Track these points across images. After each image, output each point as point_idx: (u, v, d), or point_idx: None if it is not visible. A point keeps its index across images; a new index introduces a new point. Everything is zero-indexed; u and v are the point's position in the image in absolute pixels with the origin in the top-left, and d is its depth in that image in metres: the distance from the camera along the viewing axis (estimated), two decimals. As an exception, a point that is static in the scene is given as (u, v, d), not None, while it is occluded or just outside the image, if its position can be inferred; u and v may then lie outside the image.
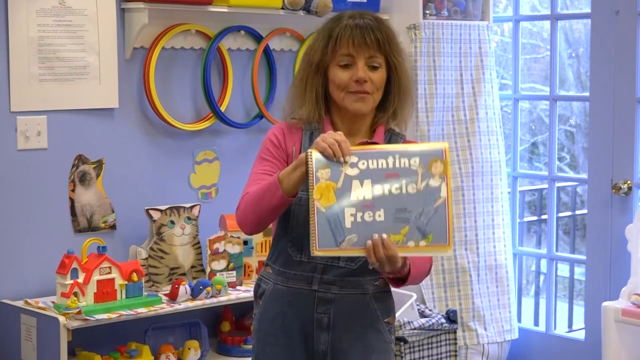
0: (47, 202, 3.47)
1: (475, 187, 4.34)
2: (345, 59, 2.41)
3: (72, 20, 3.46)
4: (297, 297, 2.43)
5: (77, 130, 3.54)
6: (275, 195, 2.31)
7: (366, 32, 2.40)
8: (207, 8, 3.70)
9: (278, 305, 2.46)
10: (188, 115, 3.84)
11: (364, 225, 2.22)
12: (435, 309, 4.20)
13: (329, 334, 2.44)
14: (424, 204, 2.23)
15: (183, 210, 3.66)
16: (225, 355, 3.71)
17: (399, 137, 2.51)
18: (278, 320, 2.46)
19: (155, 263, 3.59)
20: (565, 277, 6.53)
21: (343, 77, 2.41)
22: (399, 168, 2.24)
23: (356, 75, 2.40)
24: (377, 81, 2.42)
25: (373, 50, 2.41)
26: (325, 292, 2.42)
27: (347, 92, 2.42)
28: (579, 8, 7.12)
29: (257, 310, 2.52)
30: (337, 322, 2.43)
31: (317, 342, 2.44)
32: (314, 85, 2.45)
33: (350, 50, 2.41)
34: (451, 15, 4.35)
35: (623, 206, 4.11)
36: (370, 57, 2.41)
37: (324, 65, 2.44)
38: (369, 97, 2.42)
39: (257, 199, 2.35)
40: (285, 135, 2.48)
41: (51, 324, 3.13)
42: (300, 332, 2.45)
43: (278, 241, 2.48)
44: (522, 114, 5.04)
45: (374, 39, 2.40)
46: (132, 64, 3.66)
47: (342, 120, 2.48)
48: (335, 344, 2.44)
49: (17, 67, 3.34)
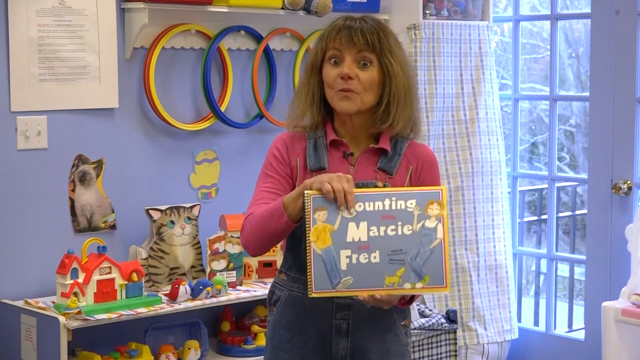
0: (47, 202, 3.47)
1: (475, 187, 4.34)
2: (334, 55, 2.39)
3: (72, 20, 3.46)
4: (314, 304, 2.39)
5: (77, 130, 3.53)
6: (281, 221, 2.29)
7: (354, 31, 2.38)
8: (207, 8, 3.70)
9: (294, 312, 2.44)
10: (188, 115, 3.84)
11: (359, 267, 2.22)
12: (435, 309, 4.20)
13: (348, 340, 2.42)
14: (420, 245, 2.22)
15: (183, 210, 3.66)
16: (225, 355, 3.71)
17: (405, 140, 2.47)
18: (294, 327, 2.44)
19: (155, 263, 3.59)
20: (565, 277, 6.54)
21: (331, 74, 2.39)
22: (395, 210, 2.24)
23: (342, 71, 2.37)
24: (365, 80, 2.37)
25: (362, 48, 2.37)
26: (343, 298, 2.40)
27: (335, 91, 2.39)
28: (579, 8, 7.12)
29: (271, 317, 2.50)
30: (356, 328, 2.42)
31: (336, 348, 2.43)
32: (311, 86, 2.43)
33: (338, 45, 2.38)
34: (451, 15, 4.35)
35: (623, 206, 4.11)
36: (359, 54, 2.38)
37: (317, 64, 2.43)
38: (356, 96, 2.38)
39: (263, 223, 2.32)
40: (288, 148, 2.45)
41: (51, 324, 3.13)
42: (318, 338, 2.43)
43: (292, 249, 2.45)
44: (522, 114, 5.04)
45: (362, 38, 2.37)
46: (132, 64, 3.66)
47: (340, 123, 2.45)
48: (354, 350, 2.43)
49: (17, 67, 3.34)
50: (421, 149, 2.50)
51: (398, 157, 2.44)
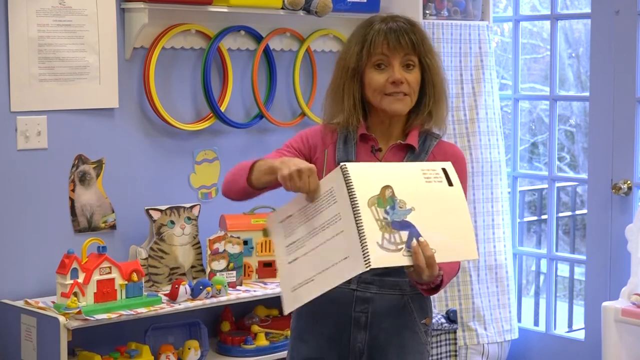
0: (47, 202, 3.47)
1: (475, 187, 4.34)
2: (380, 60, 2.42)
3: (72, 20, 3.46)
4: (335, 296, 2.40)
5: (77, 130, 3.54)
6: (242, 178, 2.35)
7: (400, 34, 2.41)
8: (207, 8, 3.70)
9: (316, 303, 2.42)
10: (188, 115, 3.84)
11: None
12: (435, 309, 4.20)
13: (367, 333, 2.44)
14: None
15: (183, 210, 3.66)
16: (225, 355, 3.71)
17: (434, 138, 2.51)
18: (314, 318, 2.47)
19: (155, 263, 3.59)
20: (565, 277, 6.54)
21: (379, 80, 2.42)
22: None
23: (393, 76, 2.40)
24: (413, 82, 2.42)
25: (408, 51, 2.41)
26: (364, 291, 2.43)
27: (383, 95, 2.42)
28: (579, 8, 7.12)
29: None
30: (375, 321, 2.44)
31: (354, 340, 2.45)
32: (351, 91, 2.46)
33: (385, 51, 2.41)
34: (451, 15, 4.35)
35: (623, 206, 4.11)
36: (405, 57, 2.42)
37: (360, 70, 2.45)
38: (407, 98, 2.43)
39: (235, 173, 2.40)
40: (322, 137, 2.50)
41: (51, 324, 3.13)
42: (337, 330, 2.45)
43: None
44: (522, 114, 5.04)
45: (408, 40, 2.41)
46: (132, 64, 3.66)
47: (377, 123, 2.48)
48: (372, 343, 2.45)
49: (17, 67, 3.34)
50: (450, 148, 2.53)
51: (425, 154, 2.47)
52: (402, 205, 2.16)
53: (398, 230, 2.13)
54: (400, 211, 2.16)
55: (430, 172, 2.22)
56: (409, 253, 2.14)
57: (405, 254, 2.14)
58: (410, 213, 2.16)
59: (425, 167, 2.23)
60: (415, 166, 2.24)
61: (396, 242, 2.13)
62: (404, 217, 2.15)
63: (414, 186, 2.19)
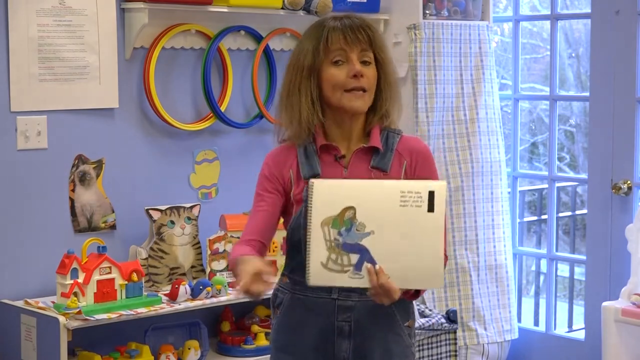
0: (47, 202, 3.47)
1: (475, 187, 4.34)
2: (338, 55, 2.38)
3: (72, 20, 3.46)
4: (316, 306, 2.40)
5: (77, 130, 3.54)
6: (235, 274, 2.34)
7: (357, 29, 2.38)
8: (207, 8, 3.70)
9: (297, 314, 2.44)
10: (188, 115, 3.84)
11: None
12: (435, 309, 4.20)
13: (351, 341, 2.42)
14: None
15: (183, 210, 3.66)
16: (225, 355, 3.71)
17: (396, 134, 2.46)
18: (297, 329, 2.45)
19: (155, 263, 3.60)
20: (565, 277, 6.53)
21: (339, 75, 2.37)
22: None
23: (353, 69, 2.36)
24: (371, 77, 2.39)
25: (365, 46, 2.39)
26: (345, 299, 2.40)
27: (343, 92, 2.38)
28: (579, 8, 7.11)
29: (274, 320, 2.51)
30: (359, 329, 2.42)
31: (339, 349, 2.42)
32: (308, 90, 2.40)
33: (343, 45, 2.37)
34: (451, 15, 4.35)
35: (623, 206, 4.11)
36: (362, 52, 2.39)
37: (316, 67, 2.40)
38: (366, 95, 2.39)
39: (232, 266, 2.37)
40: (279, 163, 2.45)
41: (51, 324, 3.13)
42: (321, 340, 2.43)
43: (293, 255, 2.44)
44: (522, 114, 5.04)
45: (365, 35, 2.39)
46: (132, 64, 3.66)
47: (336, 127, 2.43)
48: (356, 351, 2.42)
49: (17, 67, 3.34)
50: (413, 142, 2.48)
51: (391, 152, 2.43)
52: (360, 228, 2.18)
53: (347, 253, 2.18)
54: (356, 234, 2.18)
55: (411, 194, 2.19)
56: (358, 276, 2.18)
57: (352, 276, 2.19)
58: (368, 237, 2.17)
59: (408, 188, 2.20)
60: (395, 187, 2.21)
61: (343, 263, 2.18)
62: (358, 240, 2.18)
63: (383, 209, 2.18)
